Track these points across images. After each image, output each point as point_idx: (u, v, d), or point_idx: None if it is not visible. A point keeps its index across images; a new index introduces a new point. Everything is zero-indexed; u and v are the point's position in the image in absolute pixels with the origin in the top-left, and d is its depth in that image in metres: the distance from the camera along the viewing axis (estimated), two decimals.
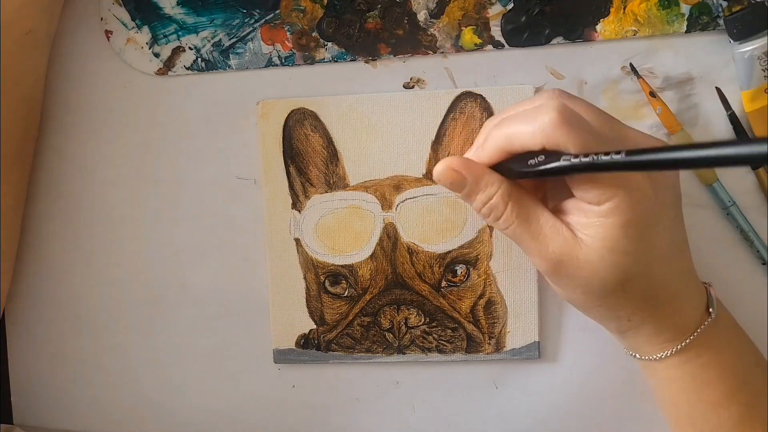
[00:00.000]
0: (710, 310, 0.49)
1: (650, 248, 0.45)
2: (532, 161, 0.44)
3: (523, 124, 0.44)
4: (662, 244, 0.45)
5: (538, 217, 0.46)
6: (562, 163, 0.42)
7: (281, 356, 0.58)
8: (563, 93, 0.46)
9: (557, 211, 0.47)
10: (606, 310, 0.48)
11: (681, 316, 0.48)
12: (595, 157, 0.40)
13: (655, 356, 0.49)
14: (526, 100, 0.47)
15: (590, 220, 0.44)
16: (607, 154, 0.40)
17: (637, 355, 0.51)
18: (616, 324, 0.49)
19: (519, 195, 0.46)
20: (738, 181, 0.55)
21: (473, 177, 0.46)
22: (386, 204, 0.55)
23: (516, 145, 0.45)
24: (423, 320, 0.56)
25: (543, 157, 0.43)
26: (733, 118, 0.53)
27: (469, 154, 0.48)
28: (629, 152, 0.39)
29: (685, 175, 0.55)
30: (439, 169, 0.47)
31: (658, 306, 0.47)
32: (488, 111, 0.55)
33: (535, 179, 0.48)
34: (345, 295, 0.57)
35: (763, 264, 0.55)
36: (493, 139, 0.46)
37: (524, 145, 0.44)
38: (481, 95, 0.55)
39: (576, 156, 0.41)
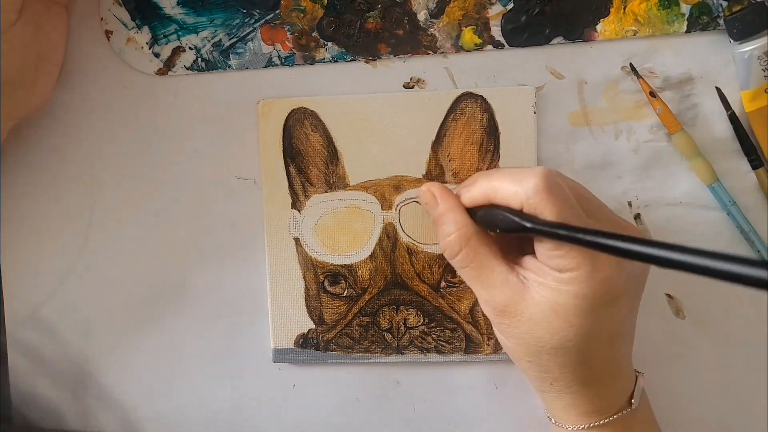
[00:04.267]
0: (632, 400, 0.49)
1: (596, 328, 0.45)
2: (505, 216, 0.45)
3: (509, 180, 0.45)
4: (609, 327, 0.46)
5: (492, 268, 0.47)
6: (532, 225, 0.43)
7: (280, 356, 0.58)
8: (556, 171, 0.46)
9: (515, 263, 0.48)
10: (534, 367, 0.48)
11: (603, 398, 0.49)
12: (562, 229, 0.41)
13: (567, 426, 0.50)
14: (516, 167, 0.50)
15: (546, 281, 0.45)
16: (575, 229, 0.41)
17: (552, 419, 0.52)
18: (539, 383, 0.50)
19: (479, 242, 0.48)
20: (738, 181, 0.55)
21: (444, 207, 0.49)
22: (386, 204, 0.55)
23: (498, 197, 0.46)
24: (422, 320, 0.56)
25: (515, 217, 0.44)
26: (733, 118, 0.54)
27: (456, 190, 0.50)
28: (596, 232, 0.39)
29: (685, 175, 0.55)
30: (423, 188, 0.51)
31: (584, 382, 0.48)
32: (488, 111, 0.55)
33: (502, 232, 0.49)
34: (344, 295, 0.57)
35: None
36: (480, 185, 0.48)
37: (505, 200, 0.45)
38: (481, 96, 0.55)
39: (546, 223, 0.42)
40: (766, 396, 0.56)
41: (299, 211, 0.56)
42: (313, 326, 0.57)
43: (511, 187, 0.45)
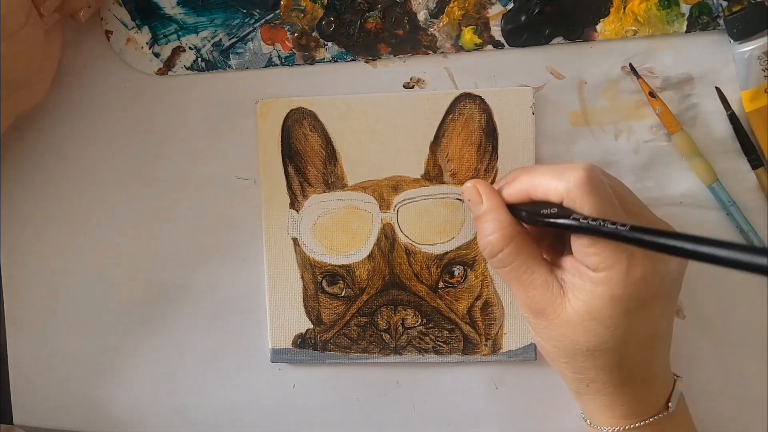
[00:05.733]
0: (669, 403, 0.49)
1: (632, 329, 0.45)
2: (544, 211, 0.45)
3: (551, 175, 0.45)
4: (645, 329, 0.46)
5: (533, 269, 0.47)
6: (569, 221, 0.43)
7: (278, 356, 0.58)
8: (599, 168, 0.46)
9: (554, 264, 0.47)
10: (570, 369, 0.48)
11: (640, 401, 0.49)
12: (601, 223, 0.41)
13: (603, 427, 0.50)
14: (557, 165, 0.48)
15: (582, 283, 0.45)
16: (613, 223, 0.41)
17: (588, 420, 0.52)
18: (575, 384, 0.50)
19: (521, 242, 0.47)
20: (738, 181, 0.55)
21: (489, 205, 0.48)
22: (384, 204, 0.55)
23: (539, 192, 0.46)
24: (420, 321, 0.56)
25: (555, 209, 0.44)
26: (733, 118, 0.53)
27: (496, 186, 0.50)
28: (633, 228, 0.39)
29: (685, 175, 0.55)
30: (468, 184, 0.50)
31: (620, 384, 0.48)
32: (487, 112, 0.55)
33: (542, 228, 0.49)
34: (342, 295, 0.57)
35: None
36: (520, 182, 0.47)
37: (546, 194, 0.45)
38: (480, 96, 0.55)
39: (585, 218, 0.42)
40: (766, 396, 0.56)
41: (297, 211, 0.56)
42: (311, 326, 0.57)
43: (552, 181, 0.45)
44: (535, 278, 0.47)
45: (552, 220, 0.44)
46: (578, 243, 0.44)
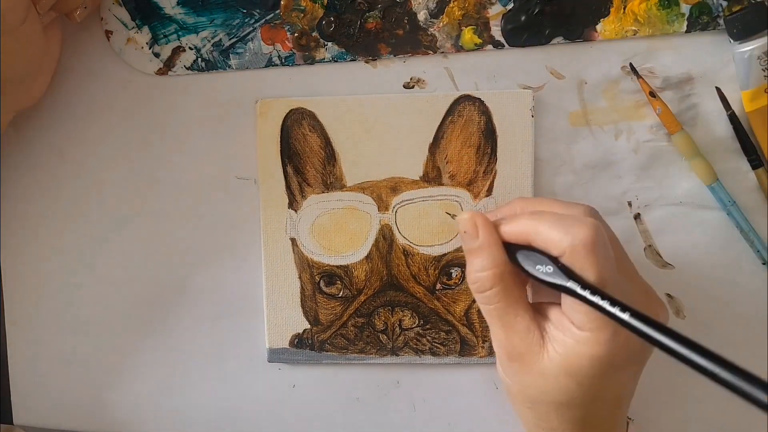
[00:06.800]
0: None
1: (603, 389, 0.45)
2: (540, 268, 0.43)
3: (556, 226, 0.43)
4: (615, 390, 0.46)
5: (517, 313, 0.45)
6: (568, 285, 0.42)
7: (275, 355, 0.58)
8: (601, 223, 0.45)
9: (537, 310, 0.46)
10: (533, 414, 0.48)
11: None
12: (602, 301, 0.40)
13: None
14: (560, 201, 0.47)
15: (564, 338, 0.44)
16: (613, 304, 0.40)
17: None
18: (534, 429, 0.49)
19: (510, 283, 0.46)
20: (738, 181, 0.55)
21: (485, 241, 0.46)
22: (383, 205, 0.55)
23: (539, 240, 0.44)
24: (417, 322, 0.56)
25: (551, 268, 0.43)
26: (733, 118, 0.53)
27: (492, 214, 0.48)
28: (635, 314, 0.39)
29: (685, 175, 0.55)
30: (464, 216, 0.46)
31: None
32: (486, 114, 0.55)
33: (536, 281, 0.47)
34: (340, 295, 0.57)
35: (763, 264, 0.55)
36: (521, 225, 0.45)
37: (546, 245, 0.43)
38: (479, 98, 0.55)
39: (585, 287, 0.41)
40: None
41: (296, 211, 0.56)
42: (308, 326, 0.57)
43: (556, 234, 0.43)
44: (518, 322, 0.45)
45: (549, 280, 0.43)
46: (569, 299, 0.43)
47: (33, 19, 0.49)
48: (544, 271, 0.43)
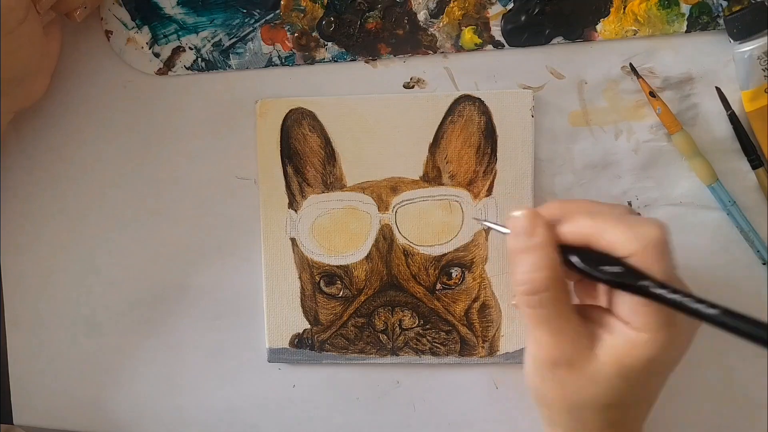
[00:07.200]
0: None
1: (651, 391, 0.45)
2: (607, 268, 0.42)
3: (622, 227, 0.42)
4: (657, 391, 0.46)
5: (568, 317, 0.44)
6: (646, 285, 0.40)
7: (275, 355, 0.58)
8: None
9: (585, 314, 0.45)
10: (569, 419, 0.46)
11: None
12: (684, 299, 0.39)
13: None
14: (600, 203, 0.46)
15: (616, 342, 0.42)
16: (699, 301, 0.39)
17: None
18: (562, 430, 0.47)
19: (563, 286, 0.44)
20: (738, 181, 0.55)
21: (541, 240, 0.43)
22: (383, 205, 0.55)
23: (603, 242, 0.42)
24: (417, 322, 0.56)
25: (619, 268, 0.41)
26: (733, 118, 0.53)
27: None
28: (726, 312, 0.38)
29: (685, 175, 0.55)
30: (519, 213, 0.44)
31: None
32: (486, 114, 0.55)
33: (584, 278, 0.45)
34: (340, 295, 0.57)
35: (763, 264, 0.55)
36: (580, 225, 0.43)
37: (611, 247, 0.42)
38: (479, 98, 0.55)
39: (661, 286, 0.40)
40: (766, 396, 0.56)
41: (296, 211, 0.56)
42: (308, 326, 0.57)
43: (624, 235, 0.41)
44: (568, 326, 0.43)
45: (617, 280, 0.41)
46: (630, 301, 0.42)
47: (33, 19, 0.49)
48: (612, 271, 0.41)
